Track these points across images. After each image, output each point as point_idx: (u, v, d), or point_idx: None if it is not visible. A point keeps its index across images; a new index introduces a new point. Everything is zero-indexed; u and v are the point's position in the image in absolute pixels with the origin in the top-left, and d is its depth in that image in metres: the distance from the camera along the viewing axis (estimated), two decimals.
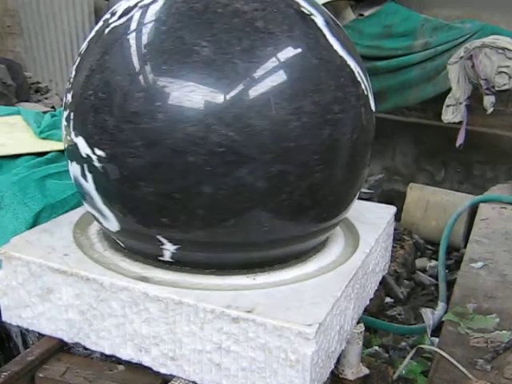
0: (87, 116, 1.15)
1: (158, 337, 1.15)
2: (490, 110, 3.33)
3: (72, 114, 1.19)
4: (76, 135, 1.18)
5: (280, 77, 1.09)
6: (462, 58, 3.31)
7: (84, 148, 1.16)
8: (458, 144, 3.52)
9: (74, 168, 1.22)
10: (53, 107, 4.54)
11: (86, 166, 1.18)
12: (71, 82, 1.23)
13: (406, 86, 3.83)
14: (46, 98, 4.78)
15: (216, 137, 1.05)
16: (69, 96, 1.21)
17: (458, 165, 4.22)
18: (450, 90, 3.52)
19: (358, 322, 1.41)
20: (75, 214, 1.49)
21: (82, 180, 1.21)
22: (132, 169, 1.11)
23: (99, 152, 1.14)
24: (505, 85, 3.16)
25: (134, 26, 1.14)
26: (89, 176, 1.18)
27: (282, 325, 1.03)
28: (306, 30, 1.16)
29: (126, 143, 1.10)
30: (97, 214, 1.25)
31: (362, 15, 2.96)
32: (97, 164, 1.15)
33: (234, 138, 1.05)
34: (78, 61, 1.23)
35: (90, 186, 1.19)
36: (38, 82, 4.98)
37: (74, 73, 1.22)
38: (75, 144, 1.18)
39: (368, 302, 1.47)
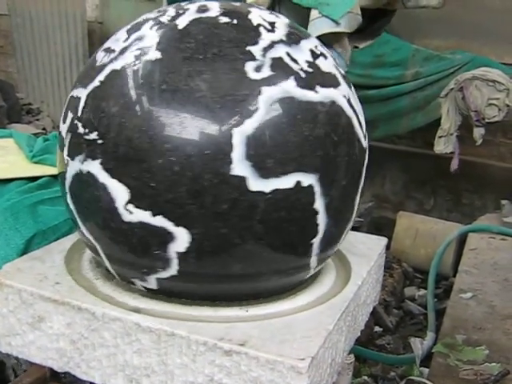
0: None
1: (149, 368, 1.14)
2: (479, 141, 3.36)
3: None
4: None
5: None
6: (452, 89, 3.35)
7: None
8: (452, 169, 3.55)
9: None
10: (44, 129, 4.54)
11: None
12: None
13: (397, 115, 3.87)
14: (38, 120, 4.78)
15: None
16: None
17: (446, 193, 4.24)
18: (439, 119, 3.55)
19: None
20: (67, 241, 1.48)
21: None
22: None
23: None
24: (494, 117, 3.20)
25: None
26: None
27: (274, 359, 1.03)
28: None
29: None
30: None
31: (356, 47, 3.00)
32: None
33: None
34: None
35: None
36: (29, 104, 4.98)
37: None
38: None
39: (359, 334, 1.47)
